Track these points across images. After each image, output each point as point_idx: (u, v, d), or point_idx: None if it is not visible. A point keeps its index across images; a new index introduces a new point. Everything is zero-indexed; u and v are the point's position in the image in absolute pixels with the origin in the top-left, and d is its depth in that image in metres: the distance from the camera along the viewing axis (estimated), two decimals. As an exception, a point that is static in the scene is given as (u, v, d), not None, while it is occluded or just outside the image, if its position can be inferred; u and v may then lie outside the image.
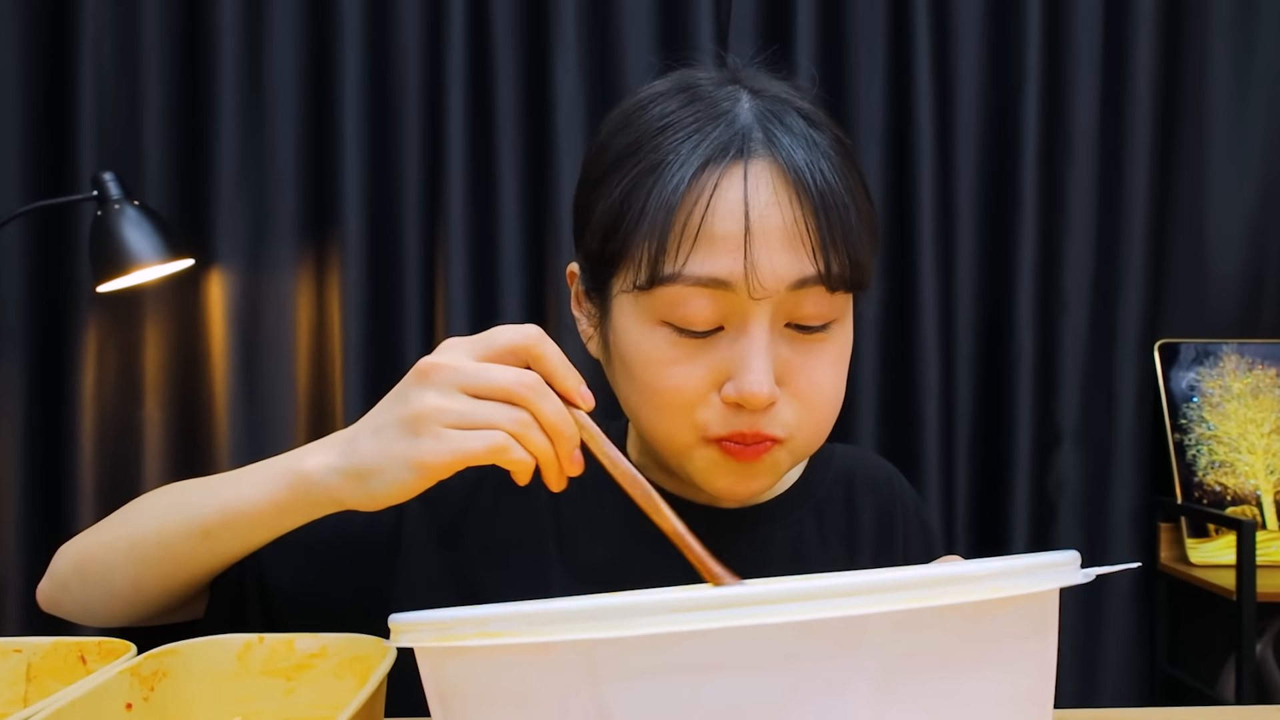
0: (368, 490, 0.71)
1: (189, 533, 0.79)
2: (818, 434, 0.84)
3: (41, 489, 2.03)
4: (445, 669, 0.51)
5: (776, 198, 0.76)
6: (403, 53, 2.08)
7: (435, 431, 0.68)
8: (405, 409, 0.69)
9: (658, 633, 0.43)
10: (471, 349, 0.70)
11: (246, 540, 0.79)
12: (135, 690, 0.67)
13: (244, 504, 0.77)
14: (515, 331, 0.70)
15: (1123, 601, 2.15)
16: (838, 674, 0.43)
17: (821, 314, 0.79)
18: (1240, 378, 2.18)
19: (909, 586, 0.43)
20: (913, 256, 2.10)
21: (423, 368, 0.69)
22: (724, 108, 0.79)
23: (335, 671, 0.75)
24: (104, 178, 1.82)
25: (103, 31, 2.01)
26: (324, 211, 2.08)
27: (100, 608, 0.86)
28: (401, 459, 0.69)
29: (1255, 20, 2.21)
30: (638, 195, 0.78)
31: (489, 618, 0.46)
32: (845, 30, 2.12)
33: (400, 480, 0.69)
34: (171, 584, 0.82)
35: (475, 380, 0.68)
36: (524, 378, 0.68)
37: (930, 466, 2.08)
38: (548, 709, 0.46)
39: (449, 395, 0.68)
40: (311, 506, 0.75)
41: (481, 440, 0.67)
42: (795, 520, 0.94)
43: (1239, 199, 2.22)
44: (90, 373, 2.04)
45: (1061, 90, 2.13)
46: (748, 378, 0.76)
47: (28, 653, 0.73)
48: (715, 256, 0.75)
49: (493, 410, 0.68)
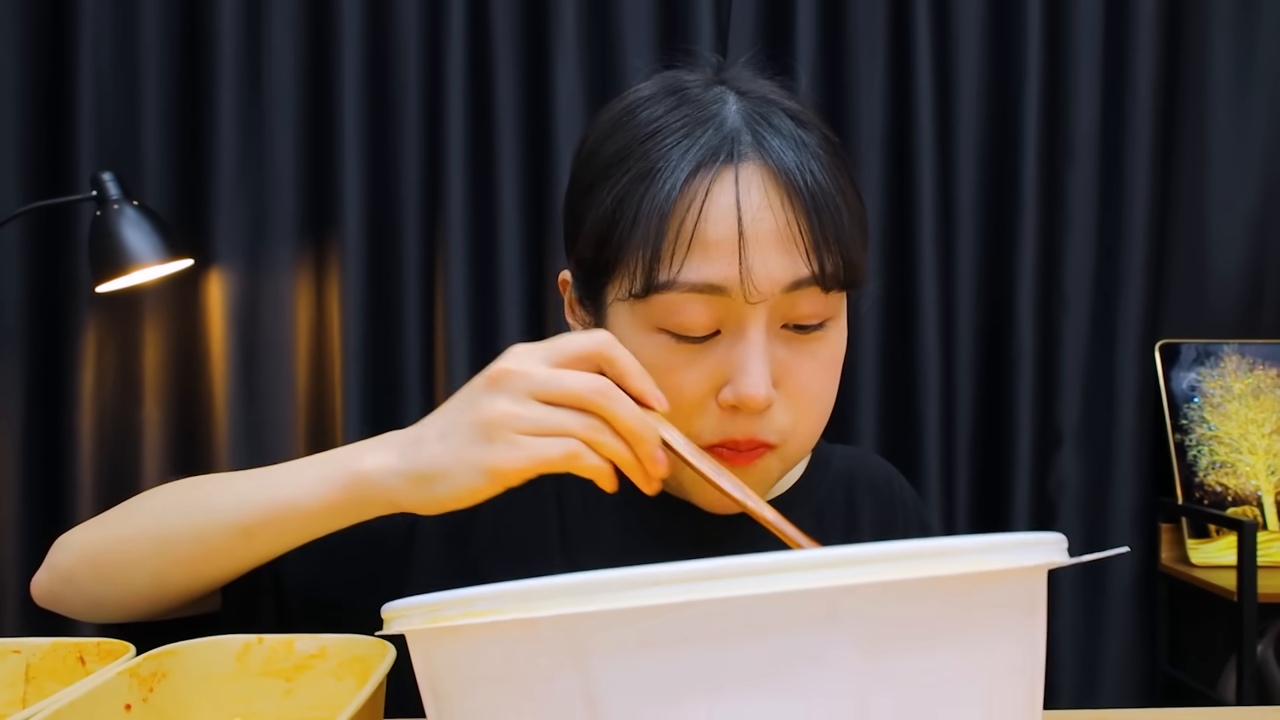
0: (432, 493, 0.70)
1: (229, 530, 0.77)
2: (810, 437, 0.84)
3: (40, 489, 2.03)
4: (435, 656, 0.51)
5: (768, 200, 0.76)
6: (402, 51, 2.08)
7: (509, 438, 0.67)
8: (477, 414, 0.69)
9: (640, 605, 0.43)
10: (543, 355, 0.70)
11: (290, 539, 0.77)
12: (134, 691, 0.67)
13: (293, 503, 0.75)
14: (586, 337, 0.71)
15: (1123, 602, 2.15)
16: (821, 645, 0.43)
17: (817, 313, 0.79)
18: (1241, 378, 2.17)
19: (892, 559, 0.43)
20: (913, 257, 2.09)
21: (494, 374, 0.69)
22: (711, 111, 0.79)
23: (335, 672, 0.74)
24: (103, 178, 1.81)
25: (102, 31, 2.01)
26: (323, 211, 2.07)
27: (113, 602, 0.84)
28: (473, 464, 0.68)
29: (1256, 19, 2.20)
30: (629, 203, 0.77)
31: (475, 597, 0.46)
32: (845, 30, 2.12)
33: (470, 484, 0.69)
34: (199, 581, 0.81)
35: (548, 386, 0.68)
36: (596, 383, 0.68)
37: (930, 467, 2.08)
38: (534, 686, 0.46)
39: (521, 402, 0.68)
40: (367, 507, 0.74)
41: (556, 447, 0.67)
42: (794, 521, 0.92)
43: (1240, 199, 2.22)
44: (89, 373, 2.03)
45: (1062, 90, 2.13)
46: (746, 381, 0.76)
47: (26, 653, 0.73)
48: (710, 262, 0.75)
49: (565, 417, 0.68)
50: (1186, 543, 2.12)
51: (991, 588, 0.47)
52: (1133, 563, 2.14)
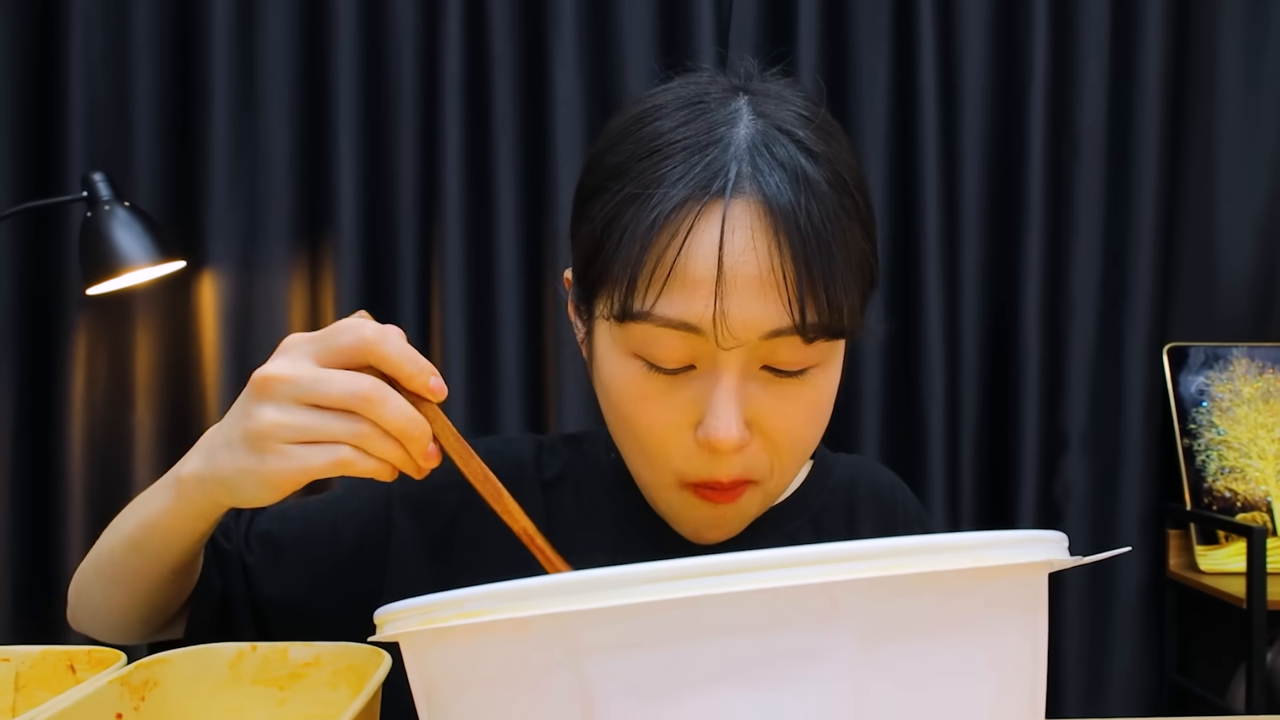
0: (235, 499, 0.72)
1: (125, 547, 0.80)
2: (790, 478, 0.83)
3: (30, 495, 2.01)
4: (428, 660, 0.51)
5: (754, 242, 0.72)
6: (398, 50, 2.07)
7: (277, 449, 0.67)
8: (248, 424, 0.68)
9: (634, 603, 0.43)
10: (311, 350, 0.69)
11: (171, 548, 0.78)
12: (125, 700, 0.66)
13: (153, 514, 0.77)
14: (352, 333, 0.68)
15: (1131, 609, 2.14)
16: (817, 641, 0.43)
17: (798, 361, 0.76)
18: (1250, 382, 2.17)
19: (887, 554, 0.43)
20: (917, 258, 2.09)
21: (259, 381, 0.68)
22: (718, 134, 0.75)
23: (329, 681, 0.74)
24: (94, 178, 1.81)
25: (93, 29, 2.00)
26: (318, 212, 2.06)
27: (101, 626, 0.87)
28: (252, 475, 0.69)
29: (1266, 19, 2.20)
30: (617, 224, 0.75)
31: (467, 598, 0.46)
32: (848, 28, 2.11)
33: (255, 495, 0.70)
34: (134, 599, 0.83)
35: (313, 390, 0.67)
36: (359, 386, 0.67)
37: (935, 472, 2.07)
38: (529, 687, 0.46)
39: (287, 409, 0.67)
40: (202, 509, 0.75)
41: (325, 456, 0.67)
42: (792, 530, 0.93)
43: (1249, 200, 2.21)
44: (80, 377, 2.02)
45: (1069, 89, 2.13)
46: (713, 424, 0.74)
47: (16, 662, 0.72)
48: (687, 300, 0.72)
49: (332, 423, 0.67)
50: (1195, 549, 2.12)
51: (991, 584, 0.47)
52: (1140, 569, 2.14)
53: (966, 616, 0.46)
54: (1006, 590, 0.47)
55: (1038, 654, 0.50)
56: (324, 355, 0.68)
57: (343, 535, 0.92)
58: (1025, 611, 0.49)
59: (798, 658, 0.43)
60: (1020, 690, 0.48)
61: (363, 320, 0.69)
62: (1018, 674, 0.48)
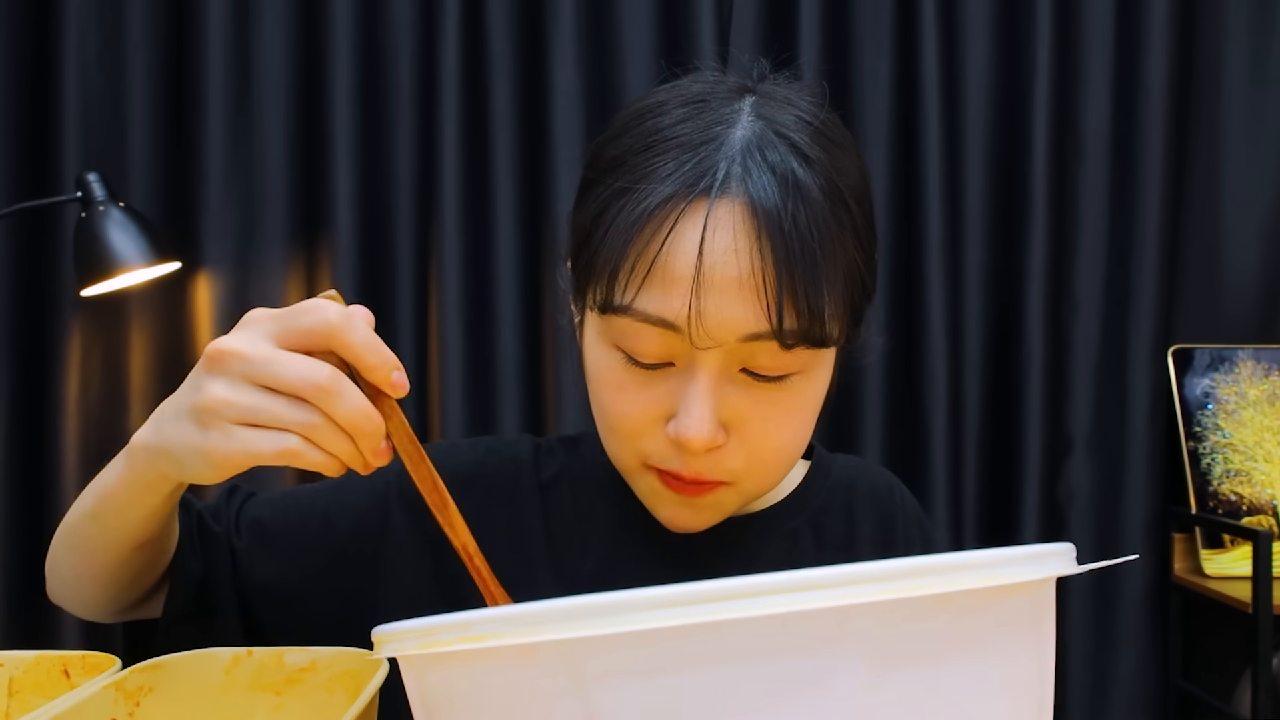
0: (180, 473, 0.69)
1: (85, 517, 0.78)
2: (768, 482, 0.82)
3: (24, 497, 2.00)
4: (429, 679, 0.50)
5: (736, 244, 0.71)
6: (395, 49, 2.06)
7: (223, 427, 0.64)
8: (197, 397, 0.65)
9: (641, 629, 0.43)
10: (272, 330, 0.65)
11: (127, 520, 0.76)
12: (120, 705, 0.66)
13: (108, 484, 0.75)
14: (316, 315, 0.65)
15: (1135, 614, 2.14)
16: (825, 666, 0.43)
17: (778, 367, 0.75)
18: (1256, 384, 2.16)
19: (897, 576, 0.43)
20: (919, 259, 2.08)
21: (212, 353, 0.65)
22: (714, 132, 0.74)
23: (326, 686, 0.74)
24: (88, 178, 1.80)
25: (87, 28, 1.99)
26: (314, 212, 2.05)
27: (72, 599, 0.86)
28: (196, 450, 0.66)
29: (1271, 20, 2.20)
30: (606, 217, 0.75)
31: (472, 621, 0.45)
32: (850, 26, 2.11)
33: (198, 471, 0.67)
34: (96, 572, 0.81)
35: (264, 372, 0.63)
36: (315, 375, 0.63)
37: (937, 474, 2.07)
38: (534, 713, 0.46)
39: (237, 388, 0.64)
40: (150, 480, 0.72)
41: (271, 443, 0.64)
42: (789, 531, 0.93)
43: (1254, 202, 2.21)
44: (74, 379, 2.01)
45: (1072, 89, 2.12)
46: (685, 421, 0.74)
47: (9, 666, 0.72)
48: (666, 297, 0.72)
49: (283, 409, 0.63)
50: (1200, 553, 2.11)
51: (1002, 602, 0.47)
52: (1145, 574, 2.13)
53: (976, 637, 0.46)
54: (1017, 608, 0.47)
55: (1045, 669, 0.50)
56: (283, 335, 0.65)
57: (336, 527, 0.91)
58: (1034, 626, 0.49)
59: (809, 684, 0.43)
60: (1028, 707, 0.49)
61: (328, 302, 0.66)
62: (1026, 691, 0.48)
